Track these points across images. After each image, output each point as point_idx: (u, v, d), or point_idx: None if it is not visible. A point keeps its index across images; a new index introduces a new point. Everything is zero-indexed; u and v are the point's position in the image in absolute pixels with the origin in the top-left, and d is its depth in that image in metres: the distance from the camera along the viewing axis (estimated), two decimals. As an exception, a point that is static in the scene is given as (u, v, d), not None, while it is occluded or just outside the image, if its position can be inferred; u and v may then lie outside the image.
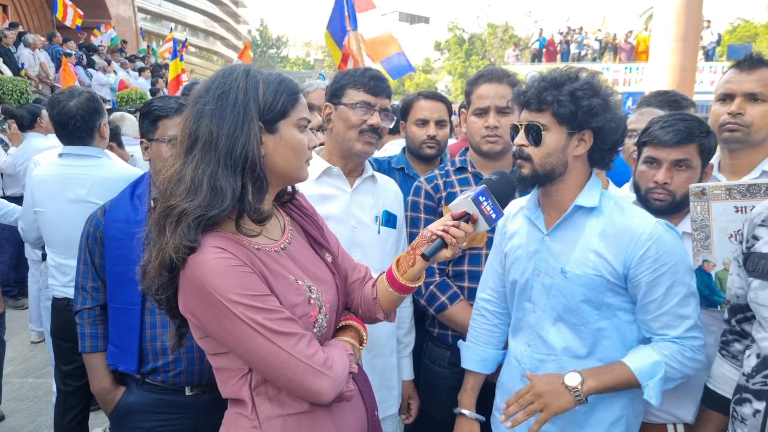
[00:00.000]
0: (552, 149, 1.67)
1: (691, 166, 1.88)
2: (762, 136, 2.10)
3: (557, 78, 1.66)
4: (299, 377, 1.28)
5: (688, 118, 1.92)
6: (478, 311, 2.06)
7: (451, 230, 1.48)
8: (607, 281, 1.67)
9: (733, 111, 2.08)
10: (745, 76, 2.10)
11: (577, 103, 1.62)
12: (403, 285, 1.53)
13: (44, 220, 2.88)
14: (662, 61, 11.69)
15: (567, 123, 1.65)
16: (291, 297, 1.35)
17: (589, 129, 1.67)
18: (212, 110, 1.31)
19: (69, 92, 2.83)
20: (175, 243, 1.24)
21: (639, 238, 1.63)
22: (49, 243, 2.93)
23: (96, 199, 2.71)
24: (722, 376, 1.70)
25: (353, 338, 1.51)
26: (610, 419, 1.74)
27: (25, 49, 12.76)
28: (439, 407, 2.33)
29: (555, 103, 1.63)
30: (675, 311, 1.65)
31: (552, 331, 1.76)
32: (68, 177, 2.79)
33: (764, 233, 1.55)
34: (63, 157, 2.85)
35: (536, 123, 1.67)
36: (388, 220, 2.20)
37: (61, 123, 2.78)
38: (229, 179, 1.28)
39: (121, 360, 2.07)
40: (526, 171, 1.70)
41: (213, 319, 1.27)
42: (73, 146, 2.82)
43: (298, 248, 1.49)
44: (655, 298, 1.65)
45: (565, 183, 1.73)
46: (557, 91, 1.63)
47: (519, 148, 1.71)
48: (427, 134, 2.89)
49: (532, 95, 1.67)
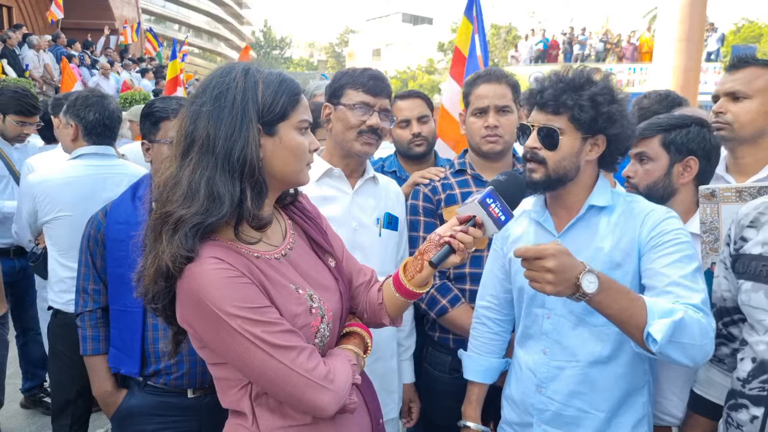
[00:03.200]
0: (567, 154, 1.64)
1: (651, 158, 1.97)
2: (750, 132, 2.13)
3: (576, 80, 1.62)
4: (300, 392, 1.24)
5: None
6: (479, 319, 2.02)
7: (458, 236, 1.42)
8: (626, 273, 1.62)
9: (715, 110, 2.17)
10: (728, 77, 2.19)
11: (597, 108, 1.59)
12: (411, 291, 1.49)
13: (72, 225, 2.67)
14: (666, 61, 11.64)
15: (583, 128, 1.62)
16: (291, 307, 1.32)
17: (603, 134, 1.64)
18: (209, 111, 1.27)
19: (101, 94, 2.89)
20: (171, 252, 1.21)
21: (653, 214, 1.64)
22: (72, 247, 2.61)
23: None
24: (709, 380, 1.69)
25: (357, 346, 1.47)
26: (633, 421, 1.69)
27: (30, 51, 12.82)
28: (440, 412, 2.32)
29: (576, 108, 1.59)
30: (686, 283, 1.49)
31: (572, 336, 1.70)
32: (102, 177, 2.77)
33: (753, 234, 1.53)
34: (85, 158, 2.80)
35: (552, 126, 1.63)
36: (389, 222, 2.17)
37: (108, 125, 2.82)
38: (227, 184, 1.24)
39: (123, 363, 2.06)
40: (538, 175, 1.66)
41: (210, 332, 1.23)
42: (98, 146, 2.82)
43: (299, 254, 1.45)
44: (664, 267, 1.53)
45: (576, 185, 1.71)
46: (577, 95, 1.60)
47: (532, 150, 1.67)
48: (412, 133, 2.87)
49: (549, 96, 1.63)
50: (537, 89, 1.68)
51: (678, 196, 1.97)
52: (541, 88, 1.66)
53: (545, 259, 1.35)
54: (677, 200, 1.97)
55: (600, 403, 1.67)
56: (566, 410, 1.70)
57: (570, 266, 1.36)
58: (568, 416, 1.70)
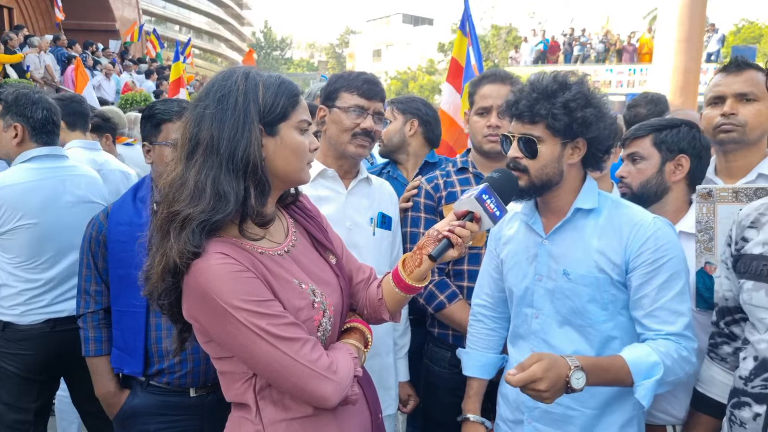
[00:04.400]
0: (548, 161, 1.67)
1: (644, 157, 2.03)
2: (756, 136, 2.12)
3: (548, 88, 1.64)
4: (303, 382, 1.29)
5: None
6: (475, 317, 2.05)
7: (456, 230, 1.47)
8: (610, 279, 1.66)
9: (726, 111, 2.10)
10: (733, 78, 2.13)
11: (571, 114, 1.62)
12: (410, 285, 1.53)
13: (37, 234, 2.48)
14: (666, 62, 11.64)
15: (560, 134, 1.65)
16: (295, 301, 1.36)
17: (582, 138, 1.67)
18: (213, 114, 1.31)
19: (40, 90, 2.64)
20: (179, 248, 1.25)
21: (639, 229, 1.64)
22: (37, 255, 2.50)
23: (95, 198, 2.67)
24: (711, 378, 1.70)
25: (358, 341, 1.51)
26: (621, 421, 1.72)
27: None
28: (440, 408, 2.35)
29: (549, 117, 1.62)
30: (671, 306, 1.61)
31: (559, 335, 1.74)
32: (61, 179, 2.56)
33: (753, 235, 1.55)
34: (37, 161, 2.54)
35: (530, 136, 1.66)
36: (383, 221, 2.21)
37: (56, 123, 2.61)
38: (231, 183, 1.29)
39: (125, 363, 2.08)
40: (522, 183, 1.69)
41: (217, 325, 1.27)
42: (49, 147, 2.59)
43: (301, 251, 1.49)
44: (649, 291, 1.62)
45: (562, 189, 1.73)
46: (550, 104, 1.62)
47: (514, 160, 1.70)
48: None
49: (524, 107, 1.66)
50: (513, 100, 1.71)
51: (670, 194, 2.01)
52: (517, 98, 1.69)
53: (536, 383, 1.45)
54: (670, 198, 2.01)
55: (587, 400, 1.69)
56: (555, 408, 1.71)
57: (557, 377, 1.47)
58: (556, 414, 1.73)
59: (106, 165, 3.61)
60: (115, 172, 3.64)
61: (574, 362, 1.49)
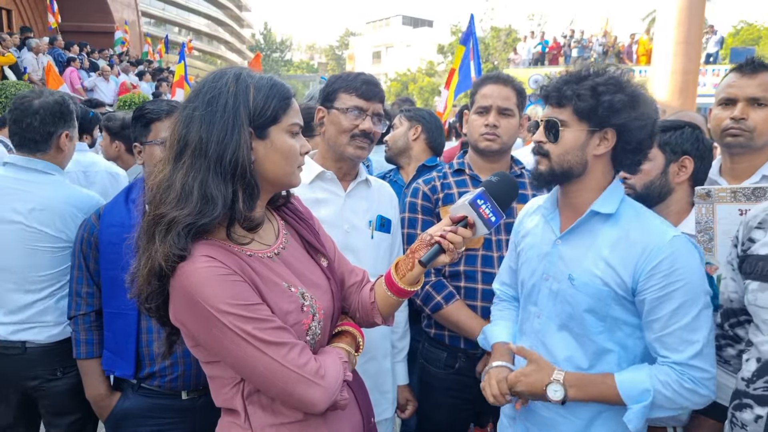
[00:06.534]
0: (570, 146, 1.61)
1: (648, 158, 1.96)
2: (763, 141, 2.10)
3: (580, 72, 1.61)
4: (291, 387, 1.27)
5: None
6: (497, 299, 2.04)
7: (448, 236, 1.45)
8: (614, 293, 1.59)
9: (737, 116, 2.07)
10: (747, 81, 2.09)
11: (597, 98, 1.55)
12: (402, 289, 1.51)
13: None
14: (665, 64, 11.63)
15: (587, 119, 1.59)
16: (283, 304, 1.34)
17: (611, 127, 1.58)
18: (202, 115, 1.29)
19: (39, 91, 2.45)
20: (164, 251, 1.23)
21: (651, 250, 1.54)
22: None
23: (37, 224, 2.26)
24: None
25: (349, 344, 1.49)
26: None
27: (29, 53, 12.81)
28: (435, 408, 2.34)
29: (575, 98, 1.57)
30: (681, 334, 1.52)
31: (556, 339, 1.70)
32: (10, 190, 2.29)
33: (761, 235, 1.54)
34: (7, 168, 2.34)
35: (555, 119, 1.62)
36: (381, 224, 2.19)
37: (17, 121, 2.34)
38: (219, 186, 1.27)
39: (117, 365, 2.06)
40: (542, 168, 1.65)
41: (203, 329, 1.25)
42: (23, 156, 2.34)
43: (292, 253, 1.47)
44: (660, 316, 1.54)
45: (584, 184, 1.65)
46: (578, 86, 1.58)
47: (537, 144, 1.67)
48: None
49: (552, 89, 1.62)
50: (544, 84, 1.68)
51: (674, 196, 1.98)
52: (549, 83, 1.67)
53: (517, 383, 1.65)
54: (673, 199, 1.99)
55: (578, 410, 1.66)
56: (545, 411, 1.70)
57: (537, 382, 1.61)
58: (546, 417, 1.71)
59: (92, 167, 3.57)
60: (102, 173, 3.60)
61: (558, 375, 1.55)
